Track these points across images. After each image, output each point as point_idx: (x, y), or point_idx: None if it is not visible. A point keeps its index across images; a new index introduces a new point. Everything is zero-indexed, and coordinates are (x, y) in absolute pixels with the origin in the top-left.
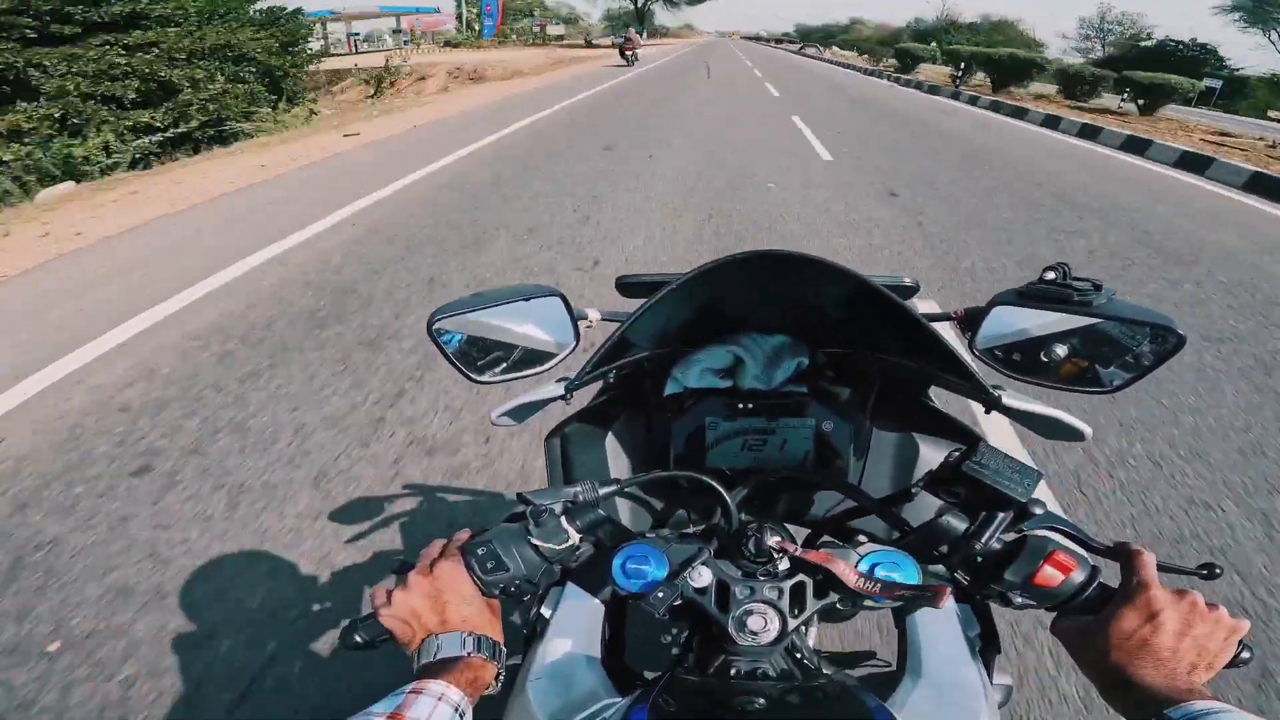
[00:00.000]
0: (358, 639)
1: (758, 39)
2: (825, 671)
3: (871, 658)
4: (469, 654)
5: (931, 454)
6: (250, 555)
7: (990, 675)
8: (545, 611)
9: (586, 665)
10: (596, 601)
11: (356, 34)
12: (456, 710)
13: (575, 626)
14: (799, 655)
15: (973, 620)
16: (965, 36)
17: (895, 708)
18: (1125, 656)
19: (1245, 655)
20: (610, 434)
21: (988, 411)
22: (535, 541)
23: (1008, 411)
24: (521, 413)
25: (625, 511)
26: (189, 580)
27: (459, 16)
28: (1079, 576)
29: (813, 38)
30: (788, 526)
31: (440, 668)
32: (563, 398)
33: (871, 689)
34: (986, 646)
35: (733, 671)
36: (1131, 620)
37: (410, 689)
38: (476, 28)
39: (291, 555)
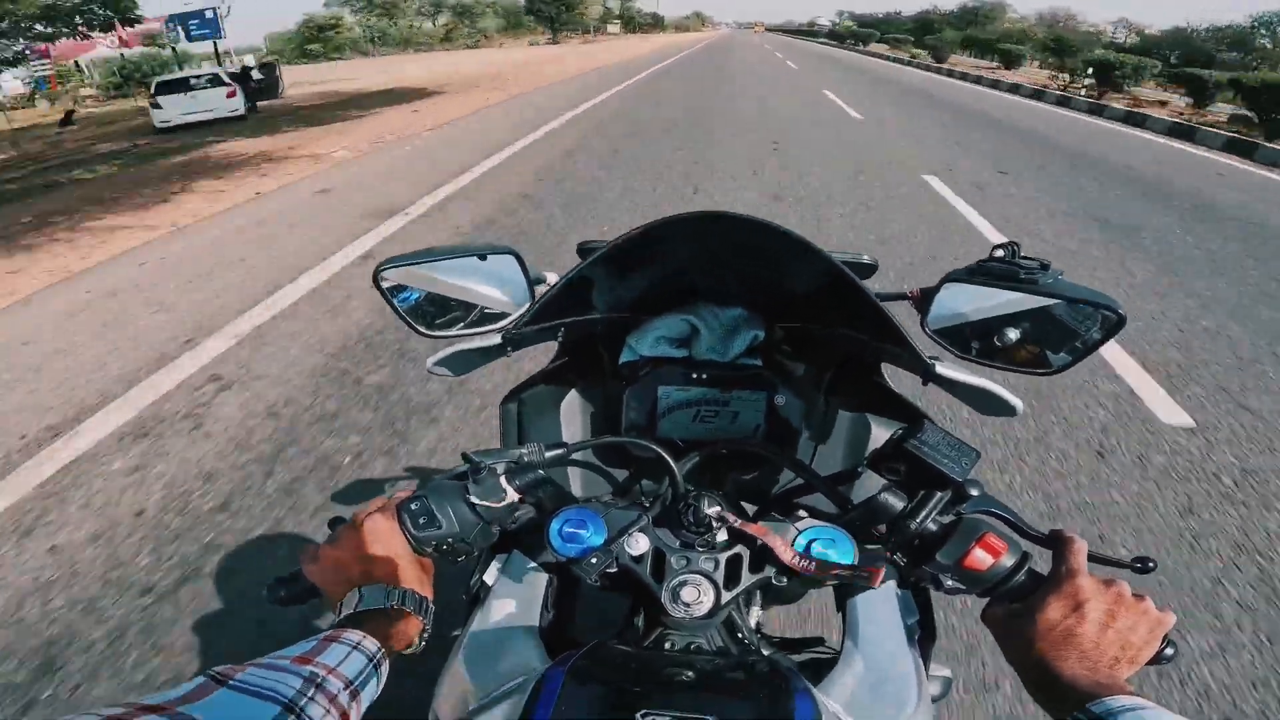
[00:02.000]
0: (282, 593)
1: (811, 33)
2: (763, 651)
3: (820, 643)
4: (392, 606)
5: (882, 433)
6: None
7: (927, 664)
8: (488, 578)
9: (524, 634)
10: (540, 571)
11: None
12: (371, 660)
13: (517, 594)
14: (739, 634)
15: (912, 607)
16: None
17: (828, 690)
18: (1049, 647)
19: (1169, 651)
20: (566, 400)
21: (925, 383)
22: (472, 499)
23: (941, 381)
24: (459, 362)
25: (579, 479)
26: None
27: None
28: (1008, 561)
29: (896, 33)
30: (739, 502)
31: (360, 618)
32: (500, 347)
33: (811, 672)
34: (925, 635)
35: (667, 645)
36: (1057, 609)
37: (324, 636)
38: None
39: None
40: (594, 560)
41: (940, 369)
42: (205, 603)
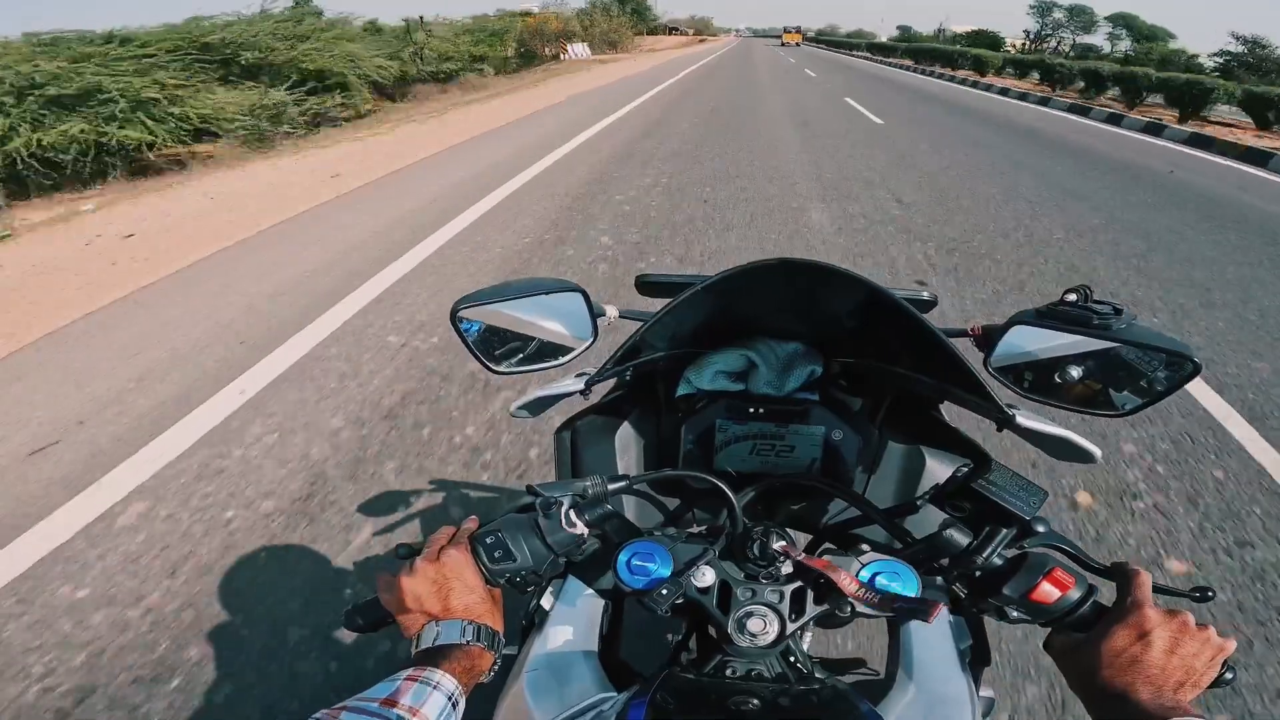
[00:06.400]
0: (359, 621)
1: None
2: (819, 675)
3: (862, 665)
4: (467, 642)
5: (938, 468)
6: None
7: (978, 688)
8: (545, 603)
9: (583, 659)
10: (597, 595)
11: None
12: (450, 699)
13: (574, 619)
14: (793, 659)
15: (965, 632)
16: None
17: (884, 715)
18: (1114, 674)
19: (1229, 675)
20: (620, 431)
21: (1000, 430)
22: (543, 533)
23: (1020, 430)
24: (539, 405)
25: (633, 509)
26: None
27: None
28: (1076, 594)
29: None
30: (791, 532)
31: (437, 654)
32: (581, 393)
33: (862, 695)
34: (976, 659)
35: (729, 671)
36: (1123, 638)
37: (406, 675)
38: None
39: None
40: (664, 592)
41: (1020, 419)
42: None
